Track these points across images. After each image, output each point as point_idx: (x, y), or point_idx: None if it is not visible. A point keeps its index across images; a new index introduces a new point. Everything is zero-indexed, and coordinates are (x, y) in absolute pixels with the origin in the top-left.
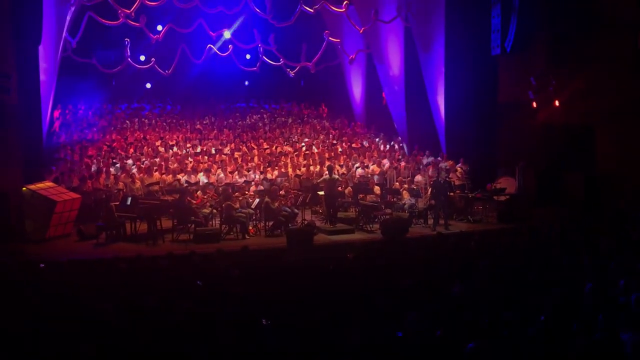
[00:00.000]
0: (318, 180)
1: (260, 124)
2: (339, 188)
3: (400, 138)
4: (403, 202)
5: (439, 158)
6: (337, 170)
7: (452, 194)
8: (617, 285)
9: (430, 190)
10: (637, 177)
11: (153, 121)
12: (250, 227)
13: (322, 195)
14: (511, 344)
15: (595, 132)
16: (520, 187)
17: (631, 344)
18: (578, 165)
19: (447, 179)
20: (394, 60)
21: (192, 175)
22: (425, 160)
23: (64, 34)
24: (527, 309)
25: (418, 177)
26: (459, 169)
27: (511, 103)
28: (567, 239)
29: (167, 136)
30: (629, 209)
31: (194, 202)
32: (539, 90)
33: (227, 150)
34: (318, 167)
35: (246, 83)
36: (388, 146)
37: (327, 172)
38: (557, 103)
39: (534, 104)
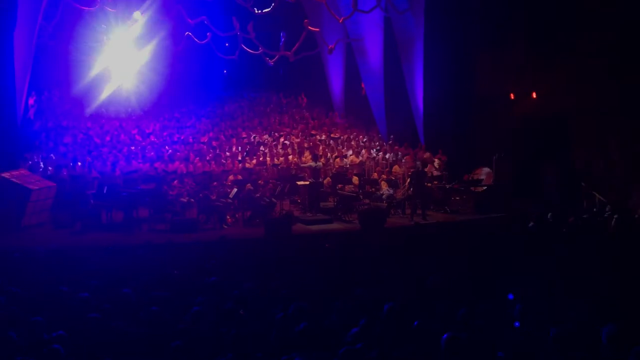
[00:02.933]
0: (302, 165)
1: (239, 113)
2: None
3: (379, 128)
4: (381, 192)
5: (417, 149)
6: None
7: (429, 184)
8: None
9: (408, 180)
10: (610, 172)
11: (130, 110)
12: (228, 217)
13: (301, 185)
14: (486, 334)
15: (571, 126)
16: (497, 178)
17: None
18: (554, 157)
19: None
20: (374, 50)
21: (169, 164)
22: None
23: (39, 19)
24: (503, 300)
25: (396, 168)
26: (437, 160)
27: (489, 95)
28: (542, 231)
29: (144, 124)
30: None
31: (171, 191)
32: (516, 82)
33: (205, 138)
34: (296, 157)
35: (225, 71)
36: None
37: (311, 161)
38: (534, 95)
39: (512, 96)
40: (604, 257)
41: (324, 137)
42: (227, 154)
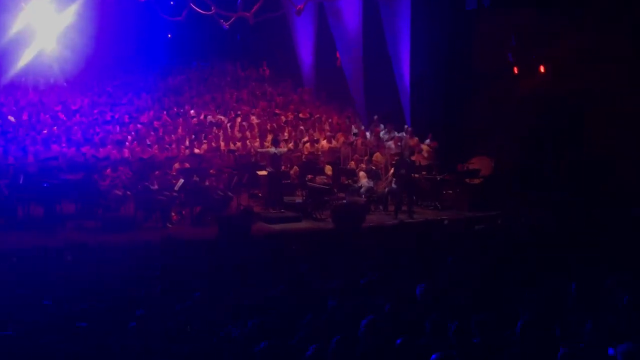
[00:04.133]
0: (259, 150)
1: (187, 87)
2: (283, 167)
3: (356, 107)
4: (359, 184)
5: (402, 134)
6: (283, 145)
7: (417, 175)
8: (605, 284)
9: (391, 170)
10: (634, 162)
11: (52, 80)
12: (173, 214)
13: (262, 175)
14: (483, 353)
15: (585, 107)
16: (497, 169)
17: (621, 353)
18: (564, 144)
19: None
20: (351, 12)
21: (100, 149)
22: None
23: None
24: (502, 313)
25: (377, 155)
26: (426, 146)
27: (488, 69)
28: (549, 231)
29: (70, 100)
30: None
31: (103, 182)
32: (521, 55)
33: (144, 118)
34: (257, 141)
35: (169, 36)
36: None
37: (271, 145)
38: (542, 70)
39: (515, 71)
40: None
41: (290, 117)
42: (172, 137)
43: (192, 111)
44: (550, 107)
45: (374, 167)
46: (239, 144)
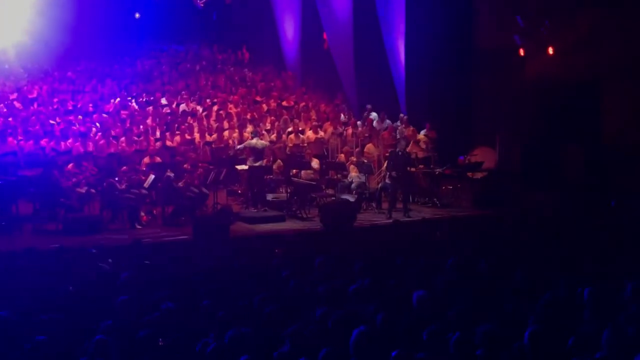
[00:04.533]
0: (239, 147)
1: (157, 73)
2: (265, 161)
3: (346, 94)
4: (350, 179)
5: (397, 123)
6: (264, 137)
7: (413, 169)
8: (624, 289)
9: (385, 164)
10: None
11: (6, 66)
12: (143, 214)
13: (242, 170)
14: None
15: (601, 91)
16: (502, 161)
17: None
18: (578, 133)
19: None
20: None
21: (61, 142)
22: (378, 125)
23: None
24: (508, 322)
25: (370, 147)
26: (423, 137)
27: (492, 50)
28: (561, 230)
29: (26, 87)
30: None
31: (64, 179)
32: (528, 34)
33: (111, 107)
34: (236, 132)
35: (137, 16)
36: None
37: (251, 137)
38: (551, 51)
39: (522, 52)
40: None
41: (272, 105)
42: (141, 128)
43: (163, 99)
44: (560, 92)
45: (365, 160)
46: (215, 135)
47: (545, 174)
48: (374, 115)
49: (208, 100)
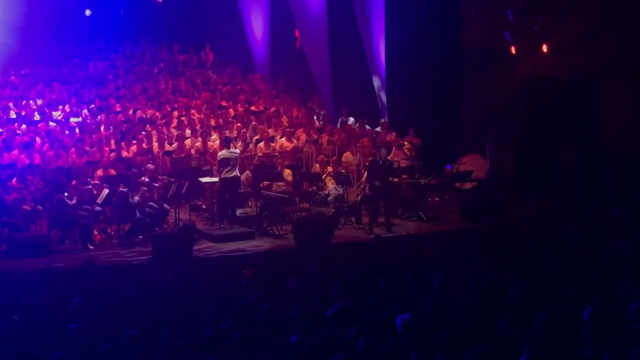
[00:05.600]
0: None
1: (111, 76)
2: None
3: (322, 97)
4: (326, 192)
5: (378, 128)
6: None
7: (396, 179)
8: (627, 308)
9: (365, 174)
10: None
11: None
12: (96, 232)
13: (207, 183)
14: None
15: (598, 91)
16: (493, 170)
17: None
18: (574, 136)
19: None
20: None
21: (4, 154)
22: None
23: None
24: (502, 345)
25: (348, 156)
26: (406, 143)
27: (481, 49)
28: (559, 243)
29: None
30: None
31: (7, 195)
32: (519, 30)
33: (59, 115)
34: (199, 140)
35: (87, 13)
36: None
37: (223, 146)
38: (545, 49)
39: (513, 50)
40: None
41: (239, 110)
42: (93, 137)
43: (117, 105)
44: (555, 92)
45: (343, 171)
46: (175, 144)
47: (540, 180)
48: (351, 120)
49: (168, 106)
